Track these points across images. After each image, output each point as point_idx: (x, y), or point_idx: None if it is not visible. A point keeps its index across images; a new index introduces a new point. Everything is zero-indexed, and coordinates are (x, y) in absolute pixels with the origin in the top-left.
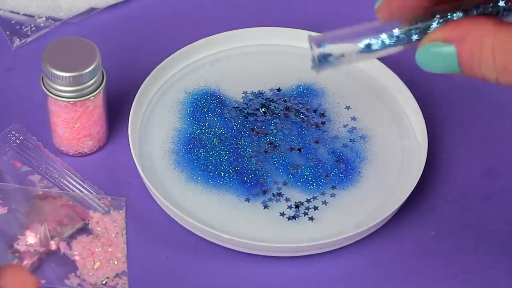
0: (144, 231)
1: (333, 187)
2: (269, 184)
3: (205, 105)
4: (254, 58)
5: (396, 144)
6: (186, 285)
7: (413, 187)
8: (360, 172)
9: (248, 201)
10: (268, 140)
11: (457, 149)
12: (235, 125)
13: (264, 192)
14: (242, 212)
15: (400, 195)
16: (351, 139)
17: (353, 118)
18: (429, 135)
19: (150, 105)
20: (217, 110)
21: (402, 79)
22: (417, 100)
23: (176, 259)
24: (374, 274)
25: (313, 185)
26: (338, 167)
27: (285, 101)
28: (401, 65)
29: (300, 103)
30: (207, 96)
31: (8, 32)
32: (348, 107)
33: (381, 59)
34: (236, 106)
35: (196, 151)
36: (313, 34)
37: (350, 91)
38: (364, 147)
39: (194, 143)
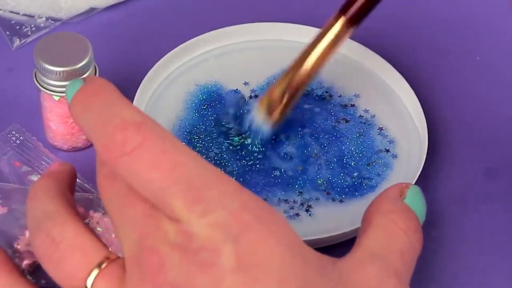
0: None
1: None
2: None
3: (207, 102)
4: (261, 53)
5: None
6: None
7: None
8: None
9: None
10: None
11: (457, 149)
12: (241, 122)
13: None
14: None
15: None
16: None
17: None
18: (429, 135)
19: (150, 104)
20: (221, 107)
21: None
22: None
23: None
24: None
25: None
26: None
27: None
28: (403, 65)
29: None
30: (211, 94)
31: (8, 32)
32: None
33: (383, 58)
34: (242, 101)
35: (198, 149)
36: None
37: (351, 88)
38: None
39: (194, 142)
